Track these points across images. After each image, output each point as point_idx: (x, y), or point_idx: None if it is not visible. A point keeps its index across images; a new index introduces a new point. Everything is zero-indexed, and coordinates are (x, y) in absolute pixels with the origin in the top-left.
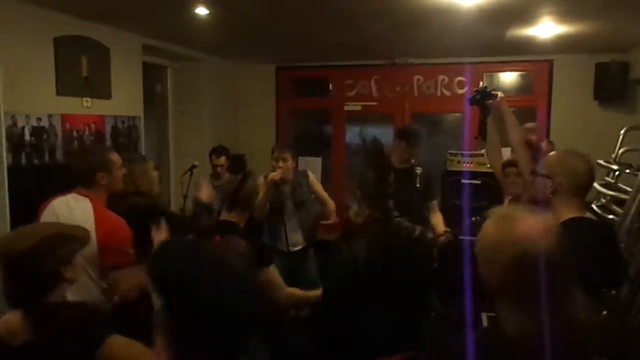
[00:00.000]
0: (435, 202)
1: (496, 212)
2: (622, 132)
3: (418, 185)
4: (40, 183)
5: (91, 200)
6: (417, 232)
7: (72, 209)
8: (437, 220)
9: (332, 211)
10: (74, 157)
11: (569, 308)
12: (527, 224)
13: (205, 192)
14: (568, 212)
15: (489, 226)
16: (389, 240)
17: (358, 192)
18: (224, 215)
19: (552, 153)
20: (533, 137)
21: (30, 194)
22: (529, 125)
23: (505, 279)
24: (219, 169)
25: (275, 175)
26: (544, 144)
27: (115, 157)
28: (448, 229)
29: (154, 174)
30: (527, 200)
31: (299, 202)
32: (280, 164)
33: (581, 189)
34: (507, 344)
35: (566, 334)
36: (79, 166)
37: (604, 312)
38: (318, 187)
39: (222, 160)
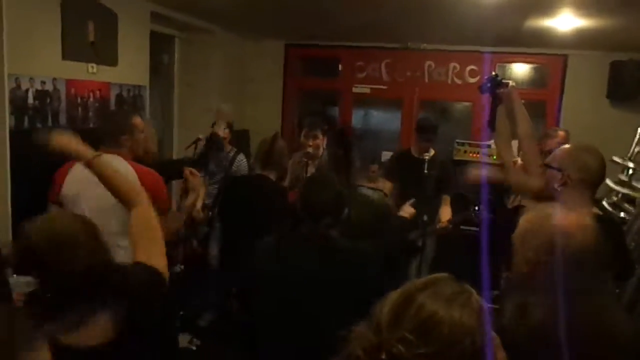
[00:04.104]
0: (447, 197)
1: (540, 207)
2: (639, 130)
3: (426, 171)
4: (43, 148)
5: (123, 157)
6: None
7: None
8: (443, 211)
9: None
10: (99, 118)
11: (593, 303)
12: (563, 218)
13: None
14: (576, 206)
15: (529, 216)
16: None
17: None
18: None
19: (565, 146)
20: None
21: (32, 158)
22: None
23: (535, 265)
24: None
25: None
26: (561, 133)
27: (138, 120)
28: (449, 219)
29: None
30: (538, 192)
31: None
32: (311, 142)
33: (591, 185)
34: (533, 332)
35: (588, 327)
36: (105, 127)
37: None
38: None
39: (226, 131)
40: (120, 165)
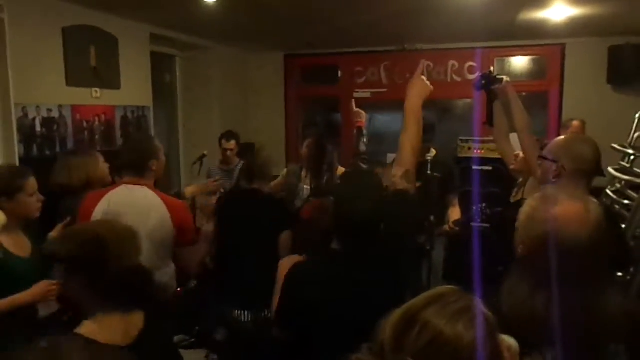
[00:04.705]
0: (454, 198)
1: (544, 192)
2: (637, 116)
3: (429, 172)
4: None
5: (149, 188)
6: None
7: (136, 199)
8: (452, 212)
9: None
10: (122, 146)
11: (588, 293)
12: (564, 207)
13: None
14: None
15: (529, 203)
16: None
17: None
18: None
19: (560, 137)
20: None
21: (41, 185)
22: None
23: (531, 254)
24: (228, 153)
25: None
26: (575, 123)
27: (158, 142)
28: (454, 221)
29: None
30: (538, 184)
31: None
32: None
33: (586, 174)
34: (506, 319)
35: (581, 318)
36: (132, 155)
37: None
38: None
39: (232, 144)
40: (153, 200)
